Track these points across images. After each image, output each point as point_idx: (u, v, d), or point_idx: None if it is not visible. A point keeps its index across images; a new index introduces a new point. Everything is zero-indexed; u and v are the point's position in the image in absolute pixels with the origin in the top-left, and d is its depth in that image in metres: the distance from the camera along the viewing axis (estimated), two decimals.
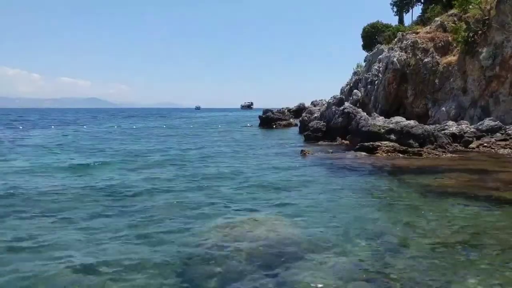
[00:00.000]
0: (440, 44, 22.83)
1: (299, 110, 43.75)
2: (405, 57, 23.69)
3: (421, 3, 35.81)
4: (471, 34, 19.42)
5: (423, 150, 14.01)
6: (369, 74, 28.61)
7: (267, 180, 9.75)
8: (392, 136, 14.87)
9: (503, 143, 15.12)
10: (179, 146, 18.66)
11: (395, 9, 40.00)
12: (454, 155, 13.95)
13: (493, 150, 14.78)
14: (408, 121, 15.81)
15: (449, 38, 22.41)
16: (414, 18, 35.57)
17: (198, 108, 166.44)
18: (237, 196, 8.05)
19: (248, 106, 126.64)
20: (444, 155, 13.80)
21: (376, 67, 27.53)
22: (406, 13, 39.76)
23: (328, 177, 10.35)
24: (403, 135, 14.89)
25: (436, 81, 21.88)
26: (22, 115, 69.61)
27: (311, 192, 8.41)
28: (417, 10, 40.32)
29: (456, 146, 15.46)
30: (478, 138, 15.86)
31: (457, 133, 16.23)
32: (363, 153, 14.03)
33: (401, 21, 39.21)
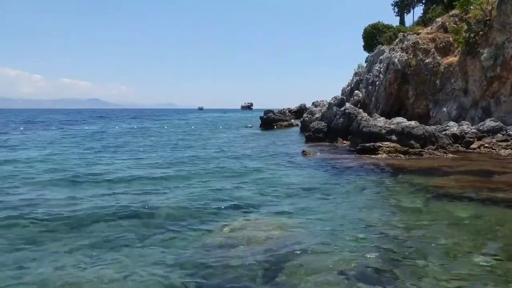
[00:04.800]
0: (441, 45, 22.80)
1: (300, 111, 43.69)
2: (406, 58, 23.67)
3: (422, 3, 35.80)
4: (472, 35, 19.40)
5: (424, 151, 14.03)
6: (370, 75, 28.59)
7: (268, 181, 9.77)
8: (393, 137, 14.87)
9: (504, 143, 15.10)
10: (189, 148, 18.69)
11: (396, 10, 39.95)
12: (455, 155, 13.95)
13: (494, 151, 14.77)
14: (409, 122, 15.81)
15: (450, 39, 22.37)
16: (415, 18, 35.57)
17: (201, 109, 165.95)
18: (237, 197, 8.07)
19: (248, 107, 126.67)
20: (445, 156, 13.81)
21: (377, 67, 27.51)
22: (407, 13, 39.73)
23: (329, 177, 10.37)
24: (404, 136, 14.88)
25: (437, 81, 21.86)
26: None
27: (312, 193, 8.43)
28: (418, 10, 40.33)
29: (457, 146, 15.46)
30: (479, 138, 15.84)
31: (458, 134, 16.23)
32: (364, 154, 14.04)
33: (402, 21, 39.17)
